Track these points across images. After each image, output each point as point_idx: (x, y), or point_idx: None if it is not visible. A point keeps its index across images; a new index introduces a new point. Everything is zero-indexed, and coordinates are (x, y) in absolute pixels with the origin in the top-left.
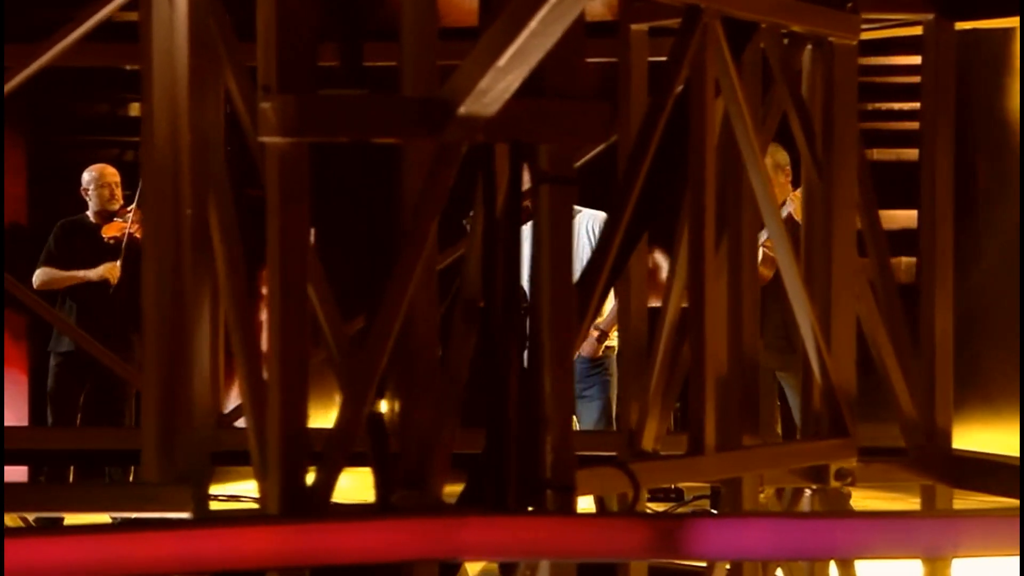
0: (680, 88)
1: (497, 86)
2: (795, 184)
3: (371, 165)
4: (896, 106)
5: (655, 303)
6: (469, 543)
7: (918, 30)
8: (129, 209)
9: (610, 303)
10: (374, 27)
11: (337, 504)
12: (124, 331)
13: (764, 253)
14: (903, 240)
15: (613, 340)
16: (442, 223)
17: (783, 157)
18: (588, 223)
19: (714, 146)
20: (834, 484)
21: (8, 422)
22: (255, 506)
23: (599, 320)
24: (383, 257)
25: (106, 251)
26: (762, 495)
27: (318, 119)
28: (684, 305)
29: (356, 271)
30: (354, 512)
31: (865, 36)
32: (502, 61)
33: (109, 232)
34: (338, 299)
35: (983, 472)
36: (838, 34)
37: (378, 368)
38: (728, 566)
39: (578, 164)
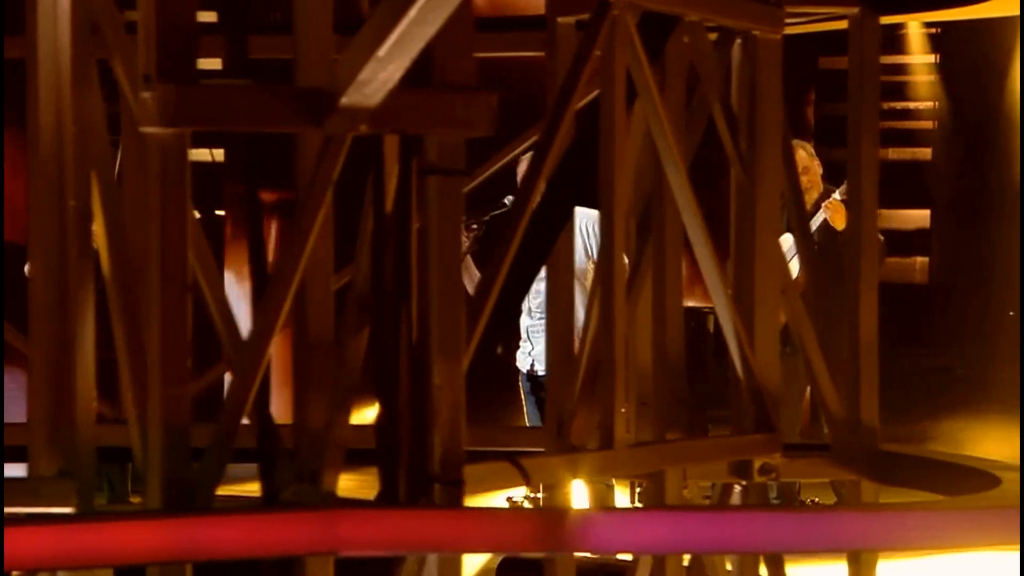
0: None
1: (378, 76)
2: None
3: None
4: (912, 105)
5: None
6: (349, 537)
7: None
8: None
9: None
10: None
11: (222, 499)
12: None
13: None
14: (917, 240)
15: None
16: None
17: (810, 148)
18: (583, 222)
19: (625, 142)
20: (758, 479)
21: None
22: None
23: None
24: None
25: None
26: (686, 490)
27: (198, 109)
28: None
29: None
30: (235, 507)
31: (791, 31)
32: (382, 51)
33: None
34: None
35: (907, 468)
36: (762, 28)
37: (261, 363)
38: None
39: None
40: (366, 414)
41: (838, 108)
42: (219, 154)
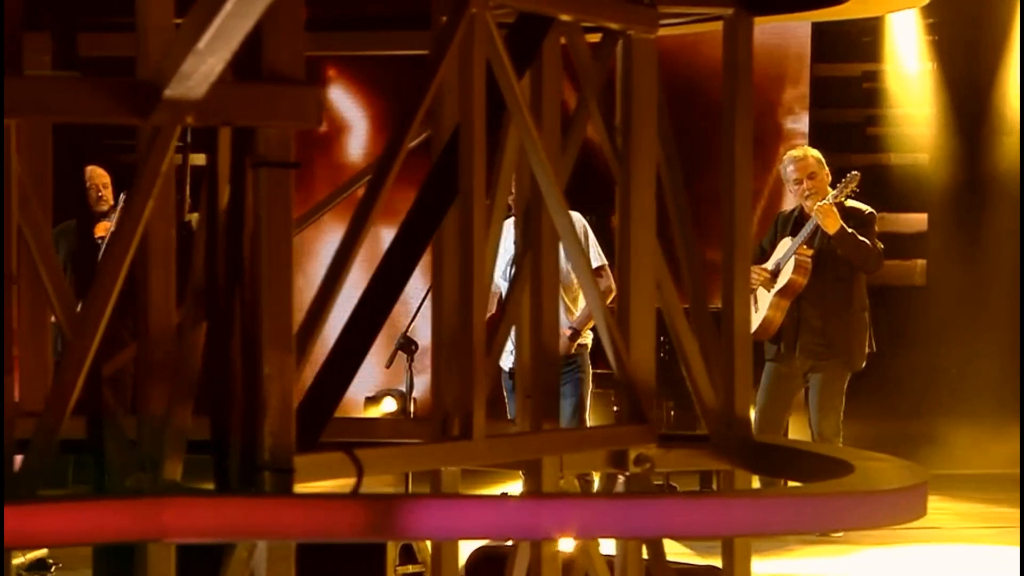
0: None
1: (199, 69)
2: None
3: None
4: (911, 112)
5: None
6: (173, 524)
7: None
8: (117, 209)
9: (583, 301)
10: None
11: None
12: (114, 324)
13: (797, 261)
14: (917, 243)
15: (587, 338)
16: None
17: (819, 155)
18: None
19: (483, 146)
20: (633, 470)
21: None
22: None
23: (572, 318)
24: None
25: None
26: (562, 480)
27: (22, 100)
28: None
29: None
30: (60, 496)
31: (667, 32)
32: (201, 44)
33: (97, 232)
34: None
35: (777, 458)
36: (636, 27)
37: (89, 353)
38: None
39: None
40: None
41: (829, 114)
42: None
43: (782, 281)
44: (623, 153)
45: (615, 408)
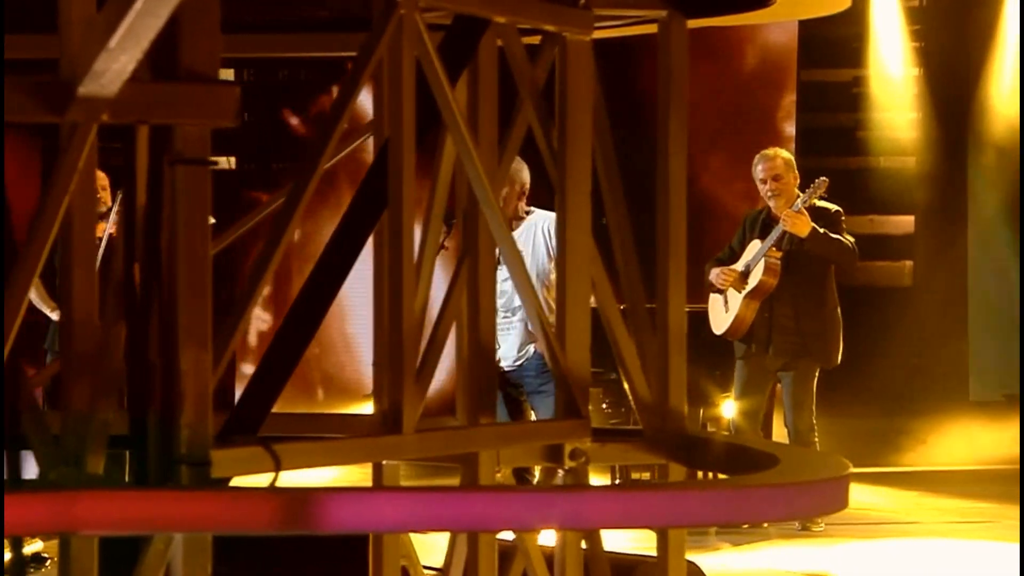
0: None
1: (112, 67)
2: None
3: None
4: (898, 116)
5: None
6: (86, 517)
7: None
8: (114, 210)
9: None
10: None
11: None
12: None
13: (767, 263)
14: (904, 244)
15: None
16: None
17: (789, 158)
18: (543, 224)
19: (413, 148)
20: (568, 464)
21: None
22: None
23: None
24: None
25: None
26: (498, 474)
27: None
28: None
29: None
30: None
31: (602, 34)
32: (112, 42)
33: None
34: None
35: (710, 451)
36: (571, 30)
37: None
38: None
39: None
40: None
41: (819, 119)
42: (234, 161)
43: (752, 283)
44: (558, 154)
45: (603, 405)
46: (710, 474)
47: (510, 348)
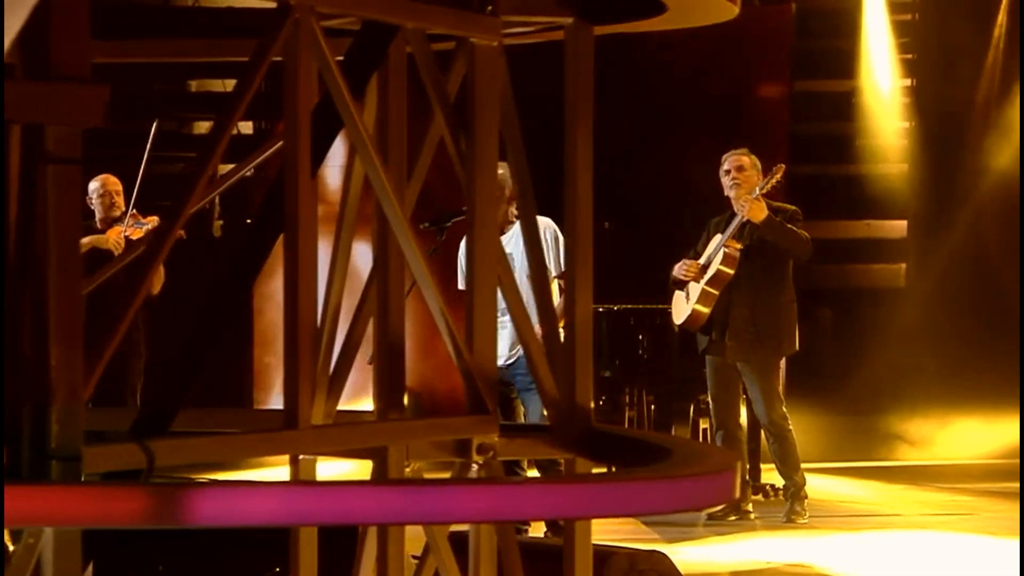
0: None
1: None
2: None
3: None
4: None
5: None
6: None
7: None
8: (128, 215)
9: (557, 298)
10: None
11: None
12: (131, 335)
13: (726, 253)
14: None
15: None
16: None
17: (754, 159)
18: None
19: (308, 156)
20: (476, 458)
21: None
22: None
23: None
24: None
25: (109, 254)
26: (408, 468)
27: None
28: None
29: None
30: None
31: (512, 41)
32: None
33: (111, 236)
34: None
35: (613, 446)
36: (478, 36)
37: None
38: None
39: None
40: None
41: (815, 127)
42: None
43: (711, 273)
44: (467, 159)
45: (600, 401)
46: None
47: (502, 347)
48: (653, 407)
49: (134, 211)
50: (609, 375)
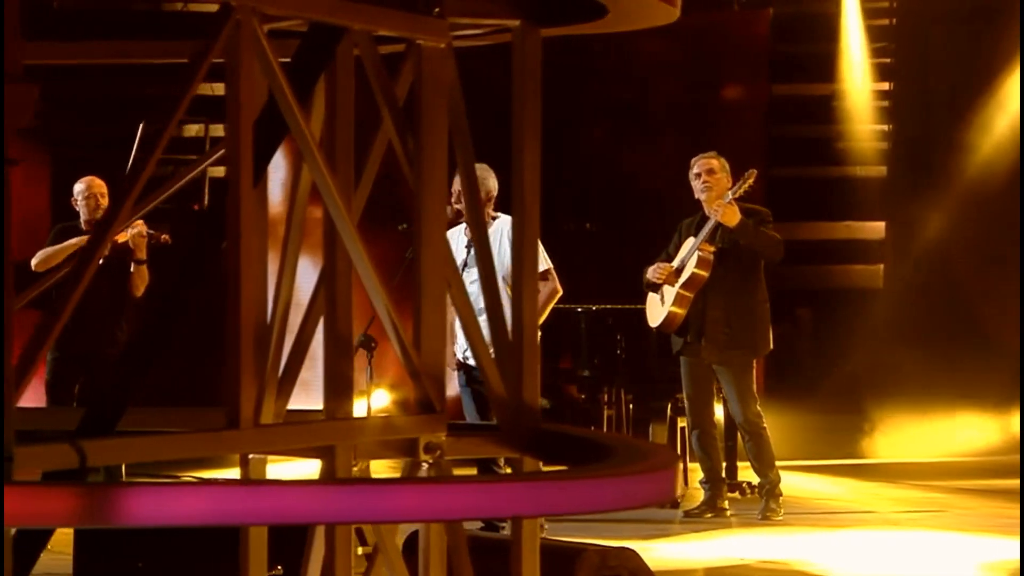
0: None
1: None
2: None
3: None
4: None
5: None
6: None
7: None
8: None
9: (542, 290)
10: None
11: None
12: (110, 326)
13: (700, 256)
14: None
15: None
16: None
17: (724, 161)
18: (509, 228)
19: (250, 157)
20: (423, 457)
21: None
22: None
23: None
24: None
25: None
26: (355, 467)
27: None
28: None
29: None
30: None
31: (460, 44)
32: None
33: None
34: None
35: (561, 445)
36: (425, 38)
37: None
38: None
39: None
40: None
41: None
42: None
43: (685, 276)
44: (414, 160)
45: (582, 396)
46: None
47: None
48: (631, 406)
49: None
50: (588, 374)
